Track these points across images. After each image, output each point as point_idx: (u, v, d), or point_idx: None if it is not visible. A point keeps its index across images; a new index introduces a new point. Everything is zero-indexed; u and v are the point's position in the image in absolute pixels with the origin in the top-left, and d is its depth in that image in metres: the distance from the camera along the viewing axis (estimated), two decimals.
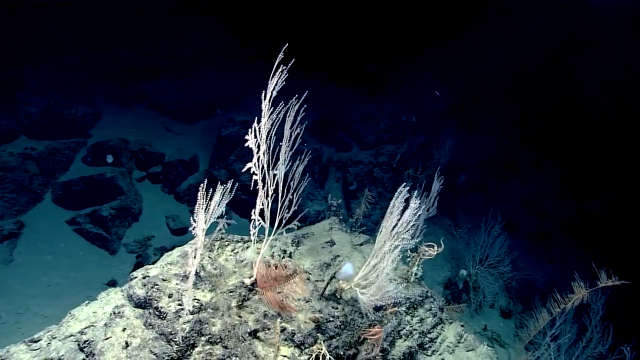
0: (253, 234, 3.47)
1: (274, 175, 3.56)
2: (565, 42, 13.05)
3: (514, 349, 8.30)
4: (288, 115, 3.60)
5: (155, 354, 2.95)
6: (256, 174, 3.18)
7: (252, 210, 3.33)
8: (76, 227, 9.28)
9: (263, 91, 3.19)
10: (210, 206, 3.16)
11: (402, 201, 3.80)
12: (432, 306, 5.07)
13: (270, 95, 3.20)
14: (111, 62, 13.45)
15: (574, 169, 13.86)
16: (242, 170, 3.09)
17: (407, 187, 3.86)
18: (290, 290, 3.56)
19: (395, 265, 3.49)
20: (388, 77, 15.09)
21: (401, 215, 3.68)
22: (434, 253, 4.63)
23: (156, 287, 3.25)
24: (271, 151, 3.39)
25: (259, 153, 3.19)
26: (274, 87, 3.31)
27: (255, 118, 3.30)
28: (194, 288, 3.38)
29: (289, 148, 3.72)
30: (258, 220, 3.37)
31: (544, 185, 14.12)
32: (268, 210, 3.43)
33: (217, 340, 3.14)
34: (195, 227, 3.06)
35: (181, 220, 9.76)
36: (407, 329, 4.71)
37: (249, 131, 3.44)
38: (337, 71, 15.10)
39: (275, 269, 3.60)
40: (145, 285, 3.26)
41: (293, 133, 3.70)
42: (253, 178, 3.21)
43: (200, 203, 3.00)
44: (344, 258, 4.86)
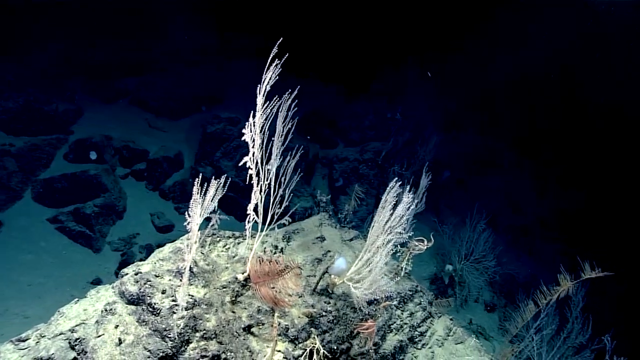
0: (247, 229, 3.46)
1: (268, 170, 3.55)
2: (553, 49, 13.33)
3: (498, 342, 8.48)
4: (281, 110, 3.60)
5: (149, 350, 2.92)
6: (251, 169, 3.17)
7: (248, 206, 3.31)
8: (58, 225, 9.08)
9: (258, 85, 3.17)
10: (204, 201, 3.13)
11: (394, 196, 3.84)
12: (422, 300, 5.13)
13: (264, 90, 3.19)
14: (92, 58, 13.19)
15: (552, 167, 14.20)
16: (239, 164, 3.07)
17: (398, 182, 3.90)
18: (283, 285, 3.56)
19: (387, 259, 3.52)
20: (374, 75, 15.17)
21: (393, 209, 3.72)
22: (424, 248, 4.68)
23: (149, 283, 3.21)
24: (264, 146, 3.38)
25: (254, 148, 3.17)
26: (267, 82, 3.30)
27: (251, 112, 3.28)
28: (183, 284, 3.35)
29: (281, 143, 3.72)
30: (252, 216, 3.35)
31: (524, 183, 14.42)
32: (261, 205, 3.42)
33: (212, 336, 3.13)
34: (190, 222, 3.03)
35: (166, 217, 9.64)
36: (397, 323, 4.76)
37: (245, 125, 3.43)
38: (323, 69, 15.11)
39: (267, 265, 3.60)
40: (137, 282, 3.22)
41: (284, 128, 3.70)
42: (248, 173, 3.20)
43: (195, 198, 2.97)
44: (334, 253, 4.88)
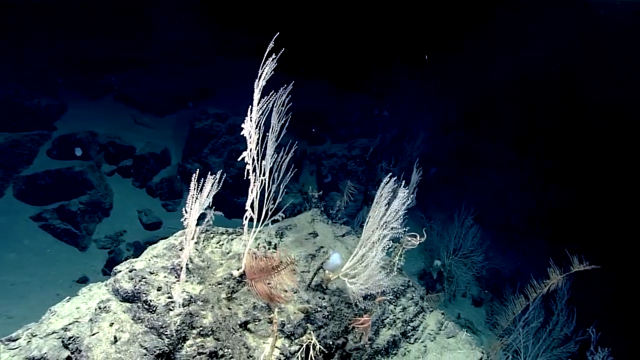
0: (245, 225, 3.44)
1: (263, 165, 3.53)
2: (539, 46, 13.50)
3: (486, 335, 8.62)
4: (275, 105, 3.57)
5: (145, 348, 2.88)
6: (249, 164, 3.15)
7: (247, 202, 3.29)
8: (42, 223, 8.90)
9: (250, 81, 3.14)
10: (200, 198, 3.10)
11: (389, 191, 3.86)
12: (414, 295, 5.18)
13: (261, 85, 3.16)
14: (75, 53, 12.91)
15: (538, 164, 14.43)
16: (238, 159, 3.04)
17: (393, 178, 3.92)
18: (278, 281, 3.55)
19: (384, 254, 3.55)
20: (362, 72, 15.18)
21: (388, 205, 3.74)
22: (417, 243, 4.72)
23: (144, 280, 3.17)
24: (260, 143, 3.36)
25: (252, 144, 3.15)
26: (262, 77, 3.28)
27: (249, 107, 3.25)
28: (180, 281, 3.31)
29: (275, 139, 3.70)
30: (249, 212, 3.34)
31: (510, 179, 14.63)
32: (257, 201, 3.40)
33: (209, 333, 3.10)
34: (186, 218, 3.00)
35: (154, 214, 9.53)
36: (390, 318, 4.80)
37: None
38: (310, 65, 15.07)
39: (262, 261, 3.59)
40: (132, 279, 3.18)
41: (279, 124, 3.68)
42: (246, 169, 3.18)
43: (192, 194, 2.94)
44: (327, 249, 4.89)
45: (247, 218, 3.33)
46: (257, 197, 3.38)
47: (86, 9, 12.62)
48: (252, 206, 3.33)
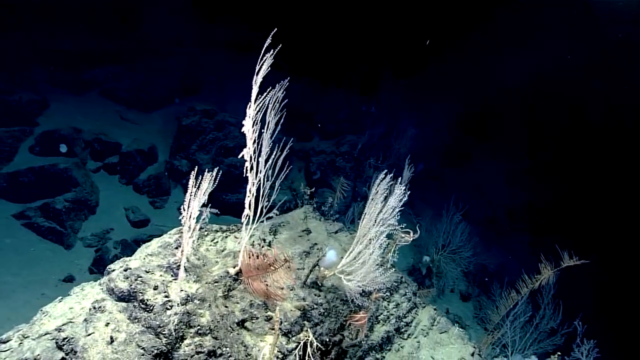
0: (244, 223, 3.41)
1: (259, 162, 3.50)
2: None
3: (474, 330, 8.74)
4: (270, 102, 3.54)
5: (143, 348, 2.84)
6: (248, 162, 3.12)
7: (246, 200, 3.26)
8: (25, 222, 8.68)
9: (254, 77, 3.11)
10: (197, 195, 3.06)
11: (384, 188, 3.87)
12: (407, 291, 5.22)
13: (259, 81, 3.13)
14: (58, 47, 12.60)
15: (521, 161, 14.65)
16: (239, 157, 3.01)
17: (389, 175, 3.93)
18: (275, 279, 3.53)
19: (380, 251, 3.56)
20: (349, 69, 15.18)
21: (384, 201, 3.75)
22: (410, 239, 4.75)
23: (140, 279, 3.12)
24: (257, 139, 3.33)
25: (250, 141, 3.12)
26: (258, 73, 3.24)
27: (249, 104, 3.21)
28: (178, 279, 3.27)
29: (269, 136, 3.68)
30: (247, 210, 3.31)
31: (494, 176, 14.82)
32: (253, 198, 3.38)
33: (207, 332, 3.08)
34: (184, 216, 2.96)
35: (141, 212, 9.38)
36: (384, 314, 4.83)
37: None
38: (297, 61, 14.99)
39: (258, 259, 3.57)
40: (128, 278, 3.12)
41: (273, 121, 3.65)
42: (245, 165, 3.15)
43: (191, 192, 2.90)
44: (321, 246, 4.88)
45: (250, 217, 3.30)
46: (254, 195, 3.35)
47: (69, 1, 12.32)
48: (249, 204, 3.30)
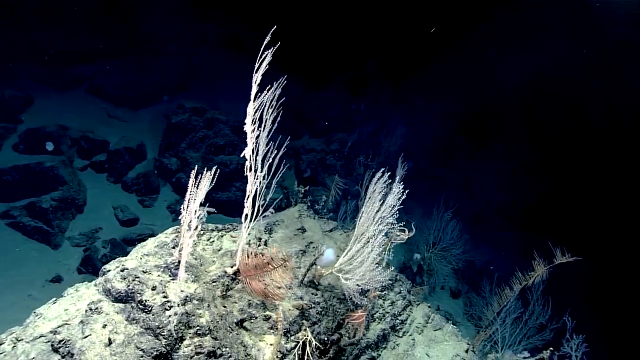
0: (244, 222, 3.37)
1: (257, 160, 3.47)
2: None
3: (465, 327, 8.83)
4: (267, 100, 3.51)
5: (142, 349, 2.79)
6: (248, 160, 3.08)
7: (246, 199, 3.23)
8: (10, 221, 8.50)
9: (254, 74, 3.07)
10: (196, 194, 3.02)
11: (382, 186, 3.87)
12: (402, 289, 5.24)
13: (260, 80, 3.10)
14: (42, 43, 12.33)
15: (508, 159, 14.83)
16: (241, 155, 2.97)
17: (387, 173, 3.93)
18: (273, 278, 3.51)
19: (381, 249, 3.56)
20: (340, 67, 15.16)
21: (383, 200, 3.75)
22: (405, 237, 4.76)
23: (138, 279, 3.07)
24: (255, 138, 3.30)
25: (251, 139, 3.09)
26: (257, 71, 3.21)
27: (249, 102, 3.17)
28: (176, 279, 3.23)
29: (267, 134, 3.65)
30: (247, 209, 3.28)
31: (484, 175, 14.97)
32: (251, 196, 3.35)
33: (206, 332, 3.04)
34: (183, 216, 2.91)
35: (130, 210, 9.25)
36: (380, 312, 4.84)
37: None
38: (287, 59, 14.91)
39: (256, 258, 3.54)
40: (125, 278, 3.07)
41: (270, 119, 3.62)
42: (246, 165, 3.11)
43: (191, 191, 2.86)
44: (317, 244, 4.87)
45: (248, 215, 3.27)
46: (252, 193, 3.32)
47: None
48: (250, 203, 3.27)
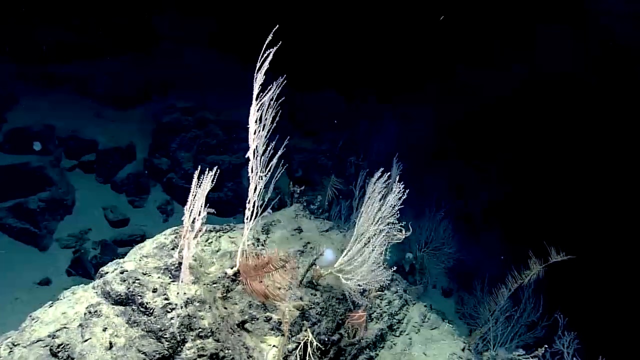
0: (246, 223, 3.34)
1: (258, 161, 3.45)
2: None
3: (457, 325, 8.89)
4: (267, 99, 3.49)
5: (144, 352, 2.75)
6: (251, 161, 3.06)
7: (248, 200, 3.20)
8: None
9: (256, 73, 3.05)
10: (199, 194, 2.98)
11: (382, 186, 3.87)
12: (398, 288, 5.26)
13: (261, 79, 3.08)
14: (26, 40, 12.08)
15: (494, 158, 14.99)
16: (246, 156, 2.94)
17: (386, 173, 3.94)
18: (274, 279, 3.49)
19: (382, 249, 3.57)
20: (330, 66, 15.15)
21: (382, 200, 3.76)
22: (402, 237, 4.78)
23: (138, 282, 3.02)
24: (258, 137, 3.27)
25: (253, 139, 3.06)
26: (259, 71, 3.19)
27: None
28: (177, 281, 3.19)
29: (266, 134, 3.63)
30: (249, 209, 3.25)
31: (469, 173, 15.11)
32: (255, 196, 3.32)
33: (208, 334, 3.00)
34: (186, 216, 2.87)
35: (120, 211, 9.10)
36: (377, 311, 4.85)
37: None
38: (279, 60, 14.82)
39: (256, 259, 3.52)
40: (125, 281, 3.02)
41: (269, 118, 3.60)
42: (249, 165, 3.09)
43: (194, 191, 2.82)
44: (314, 245, 4.86)
45: (251, 216, 3.24)
46: (255, 194, 3.29)
47: None
48: (253, 203, 3.25)
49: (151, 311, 2.91)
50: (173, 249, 3.47)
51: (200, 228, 2.88)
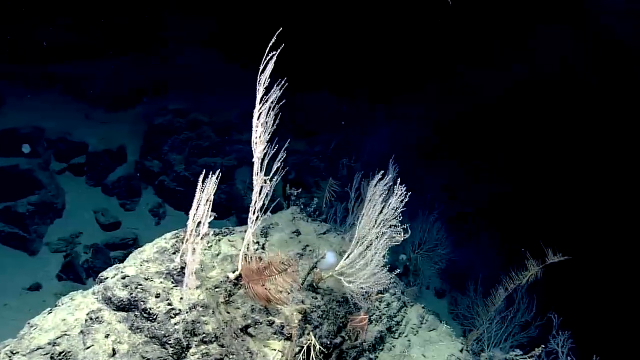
0: (249, 226, 3.32)
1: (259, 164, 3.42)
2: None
3: (451, 326, 8.94)
4: (269, 101, 3.47)
5: (148, 359, 2.71)
6: (256, 164, 3.04)
7: (252, 203, 3.17)
8: None
9: (259, 75, 3.03)
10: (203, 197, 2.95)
11: (383, 188, 3.88)
12: (396, 290, 5.27)
13: (266, 82, 3.06)
14: (13, 39, 11.86)
15: (487, 158, 15.13)
16: (252, 160, 2.92)
17: (386, 175, 3.94)
18: (276, 282, 3.47)
19: (385, 252, 3.57)
20: (323, 67, 15.15)
21: (384, 202, 3.76)
22: (401, 239, 4.79)
23: (140, 287, 2.98)
24: (262, 140, 3.25)
25: (257, 141, 3.04)
26: (263, 72, 3.17)
27: (257, 102, 3.12)
28: (179, 286, 3.15)
29: (269, 136, 3.60)
30: (255, 212, 3.23)
31: (461, 173, 15.22)
32: (260, 200, 3.30)
33: (212, 339, 2.97)
34: (191, 220, 2.84)
35: (112, 214, 8.99)
36: (376, 314, 4.85)
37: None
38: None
39: (257, 262, 3.49)
40: (127, 286, 2.97)
41: (270, 121, 3.58)
42: (254, 168, 3.07)
43: (199, 195, 2.79)
44: (313, 247, 4.85)
45: (256, 220, 3.21)
46: (259, 197, 3.27)
47: None
48: (258, 207, 3.22)
49: (154, 317, 2.87)
50: (174, 253, 3.43)
51: (207, 232, 2.86)
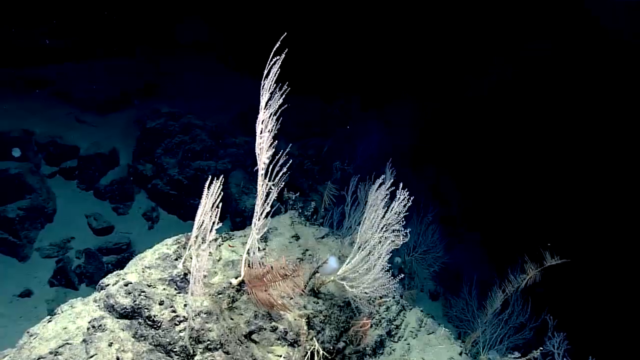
0: (252, 231, 3.29)
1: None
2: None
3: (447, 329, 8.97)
4: (271, 107, 3.45)
5: None
6: (261, 169, 3.02)
7: (256, 206, 3.15)
8: None
9: (263, 81, 3.02)
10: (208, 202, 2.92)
11: (385, 193, 3.88)
12: (395, 294, 5.27)
13: (269, 86, 3.04)
14: (2, 40, 11.68)
15: (476, 161, 15.25)
16: (255, 169, 2.90)
17: (390, 179, 3.95)
18: (280, 288, 3.45)
19: (389, 256, 3.57)
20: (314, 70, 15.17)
21: (387, 207, 3.76)
22: (400, 243, 4.80)
23: (144, 294, 2.93)
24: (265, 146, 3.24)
25: (261, 145, 3.03)
26: (267, 77, 3.16)
27: (261, 108, 3.10)
28: (183, 292, 3.12)
29: (271, 142, 3.59)
30: (256, 218, 3.20)
31: (453, 178, 15.33)
32: (265, 205, 3.27)
33: (217, 347, 2.94)
34: (197, 227, 2.81)
35: (104, 218, 8.85)
36: (376, 318, 4.84)
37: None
38: (260, 63, 14.76)
39: (260, 268, 3.47)
40: (130, 293, 2.93)
41: (271, 123, 3.56)
42: (259, 173, 3.05)
43: (205, 201, 2.77)
44: (312, 252, 4.84)
45: (262, 225, 3.19)
46: (265, 202, 3.25)
47: None
48: (264, 212, 3.20)
49: (159, 324, 2.83)
50: (176, 259, 3.39)
51: (215, 238, 2.83)
